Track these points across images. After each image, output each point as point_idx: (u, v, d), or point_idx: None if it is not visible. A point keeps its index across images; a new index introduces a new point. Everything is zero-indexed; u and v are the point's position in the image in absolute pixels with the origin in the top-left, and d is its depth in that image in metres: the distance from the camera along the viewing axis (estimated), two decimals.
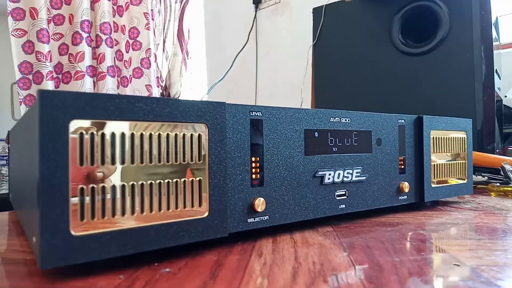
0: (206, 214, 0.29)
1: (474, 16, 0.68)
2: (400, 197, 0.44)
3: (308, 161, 0.37)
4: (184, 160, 0.28)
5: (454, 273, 0.25)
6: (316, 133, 0.37)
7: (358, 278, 0.24)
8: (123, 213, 0.25)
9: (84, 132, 0.24)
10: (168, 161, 0.27)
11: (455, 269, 0.25)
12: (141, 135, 0.26)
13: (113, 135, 0.25)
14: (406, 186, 0.44)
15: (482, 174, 0.64)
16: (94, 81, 1.74)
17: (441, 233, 0.36)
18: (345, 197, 0.39)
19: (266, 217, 0.34)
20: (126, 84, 1.91)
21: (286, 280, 0.24)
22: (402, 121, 0.45)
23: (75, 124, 0.23)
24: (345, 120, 0.40)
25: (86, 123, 0.24)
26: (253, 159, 0.33)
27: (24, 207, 0.33)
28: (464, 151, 0.51)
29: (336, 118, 0.39)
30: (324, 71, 0.89)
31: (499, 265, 0.26)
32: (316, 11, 0.90)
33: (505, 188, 0.57)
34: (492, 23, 0.71)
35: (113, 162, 0.25)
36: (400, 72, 0.76)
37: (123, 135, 0.25)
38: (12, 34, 1.55)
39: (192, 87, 2.36)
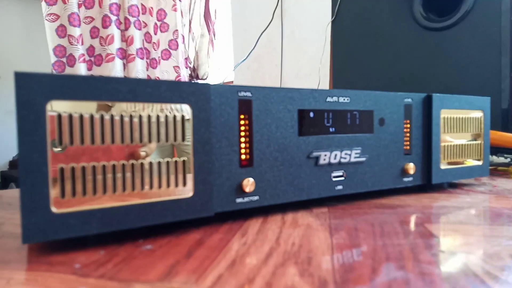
0: (191, 194, 0.30)
1: None
2: (404, 179, 0.42)
3: (302, 142, 0.36)
4: (167, 141, 0.29)
5: (435, 260, 0.24)
6: (311, 113, 0.36)
7: (330, 261, 0.23)
8: (104, 192, 0.26)
9: (61, 113, 0.24)
10: (150, 142, 0.28)
11: (438, 256, 0.24)
12: (121, 116, 0.27)
13: (92, 116, 0.25)
14: (411, 168, 0.42)
15: (505, 155, 0.60)
16: (124, 63, 1.78)
17: (440, 217, 0.34)
18: (343, 178, 0.38)
19: (256, 197, 0.34)
20: (155, 66, 1.94)
21: (258, 261, 0.24)
22: (409, 100, 0.42)
23: (54, 106, 0.24)
24: (344, 99, 0.38)
25: (65, 105, 0.25)
26: (242, 140, 0.33)
27: None
28: (481, 131, 0.48)
29: (334, 97, 0.38)
30: (342, 48, 0.86)
31: (487, 253, 0.25)
32: None
33: None
34: None
35: (92, 142, 0.26)
36: (421, 48, 0.72)
37: (102, 116, 0.26)
38: (46, 19, 1.61)
39: (219, 68, 2.37)
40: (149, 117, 0.28)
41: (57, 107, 0.24)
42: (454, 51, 0.68)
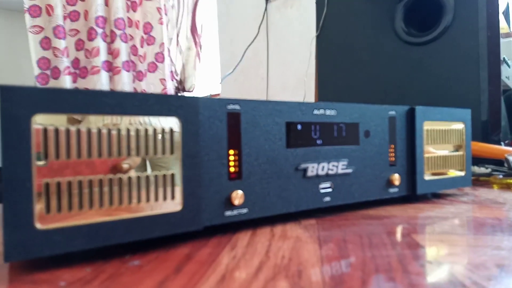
0: (179, 208, 0.29)
1: (479, 2, 0.65)
2: (390, 190, 0.43)
3: (290, 154, 0.36)
4: (155, 154, 0.28)
5: (423, 271, 0.24)
6: (298, 125, 0.37)
7: (320, 274, 0.23)
8: (90, 206, 0.26)
9: (47, 127, 0.24)
10: (138, 155, 0.28)
11: (426, 267, 0.25)
12: (109, 130, 0.26)
13: (78, 130, 0.25)
14: (396, 179, 0.42)
15: (486, 165, 0.62)
16: (110, 76, 1.77)
17: (426, 227, 0.35)
18: (330, 189, 0.39)
19: (245, 210, 0.33)
20: (142, 79, 1.93)
21: (248, 275, 0.24)
22: (393, 112, 0.43)
23: (39, 119, 0.24)
24: (330, 112, 0.39)
25: (53, 118, 0.24)
26: (231, 152, 0.33)
27: None
28: (462, 142, 0.49)
29: (320, 110, 0.38)
30: (327, 62, 0.88)
31: (474, 263, 0.25)
32: (319, 2, 0.89)
33: (508, 181, 0.55)
34: (502, 10, 0.67)
35: (79, 155, 0.25)
36: (403, 62, 0.74)
37: (89, 130, 0.26)
38: (30, 31, 1.59)
39: (206, 81, 2.37)
40: (137, 130, 0.27)
41: (40, 120, 0.24)
42: (435, 64, 0.70)
